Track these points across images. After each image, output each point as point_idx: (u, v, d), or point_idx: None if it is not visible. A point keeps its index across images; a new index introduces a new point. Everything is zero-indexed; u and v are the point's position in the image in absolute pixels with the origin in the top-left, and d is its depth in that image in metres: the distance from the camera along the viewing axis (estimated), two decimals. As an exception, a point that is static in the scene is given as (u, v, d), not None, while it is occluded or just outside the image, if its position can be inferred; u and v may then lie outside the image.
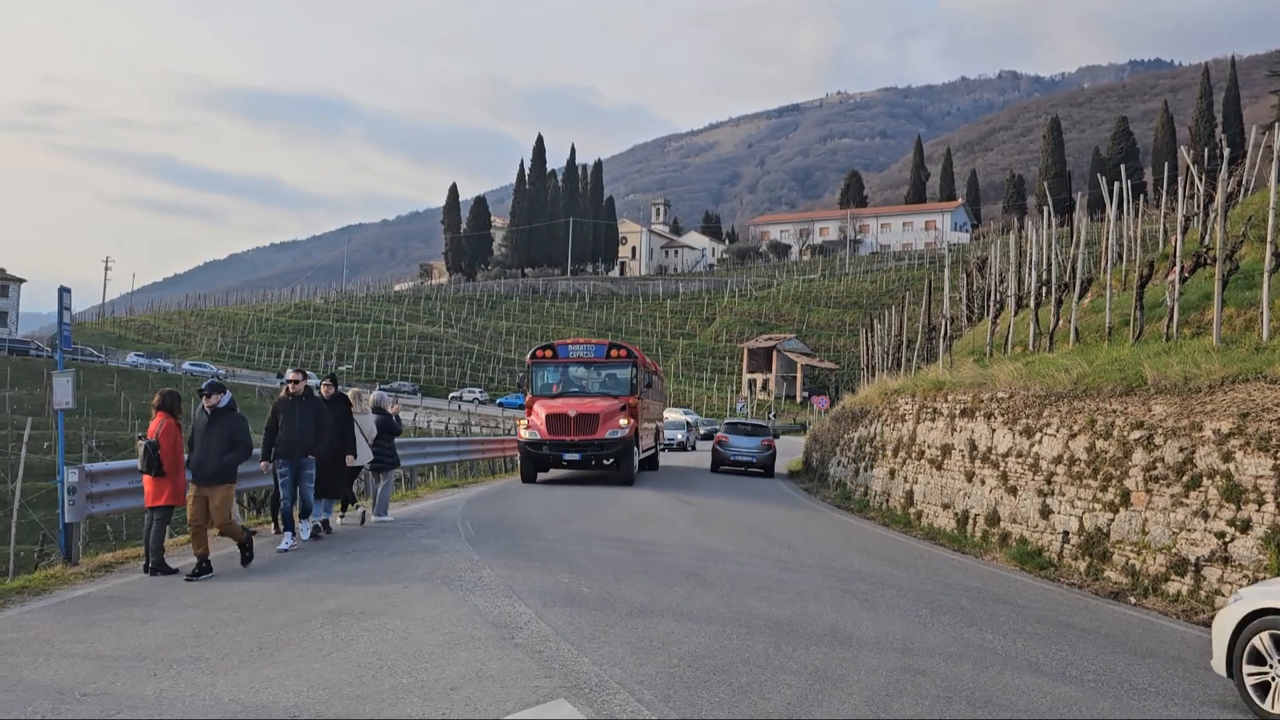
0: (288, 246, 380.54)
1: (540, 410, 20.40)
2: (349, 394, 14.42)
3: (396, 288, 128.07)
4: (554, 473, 22.56)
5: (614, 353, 21.99)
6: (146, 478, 9.33)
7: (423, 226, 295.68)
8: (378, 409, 14.01)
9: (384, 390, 45.49)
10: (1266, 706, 6.14)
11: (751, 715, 5.51)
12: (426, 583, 8.87)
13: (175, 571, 9.38)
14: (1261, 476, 9.56)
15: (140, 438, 9.75)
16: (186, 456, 9.59)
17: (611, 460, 20.19)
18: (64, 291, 9.87)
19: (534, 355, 22.41)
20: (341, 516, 13.43)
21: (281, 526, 11.21)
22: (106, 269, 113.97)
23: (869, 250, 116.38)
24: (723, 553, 12.11)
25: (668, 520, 15.27)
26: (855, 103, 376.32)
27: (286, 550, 10.63)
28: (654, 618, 7.84)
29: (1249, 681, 6.27)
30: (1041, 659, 7.44)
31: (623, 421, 20.20)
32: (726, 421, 31.07)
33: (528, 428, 20.42)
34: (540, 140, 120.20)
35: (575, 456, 19.98)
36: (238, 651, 6.50)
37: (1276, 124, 20.36)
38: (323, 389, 12.21)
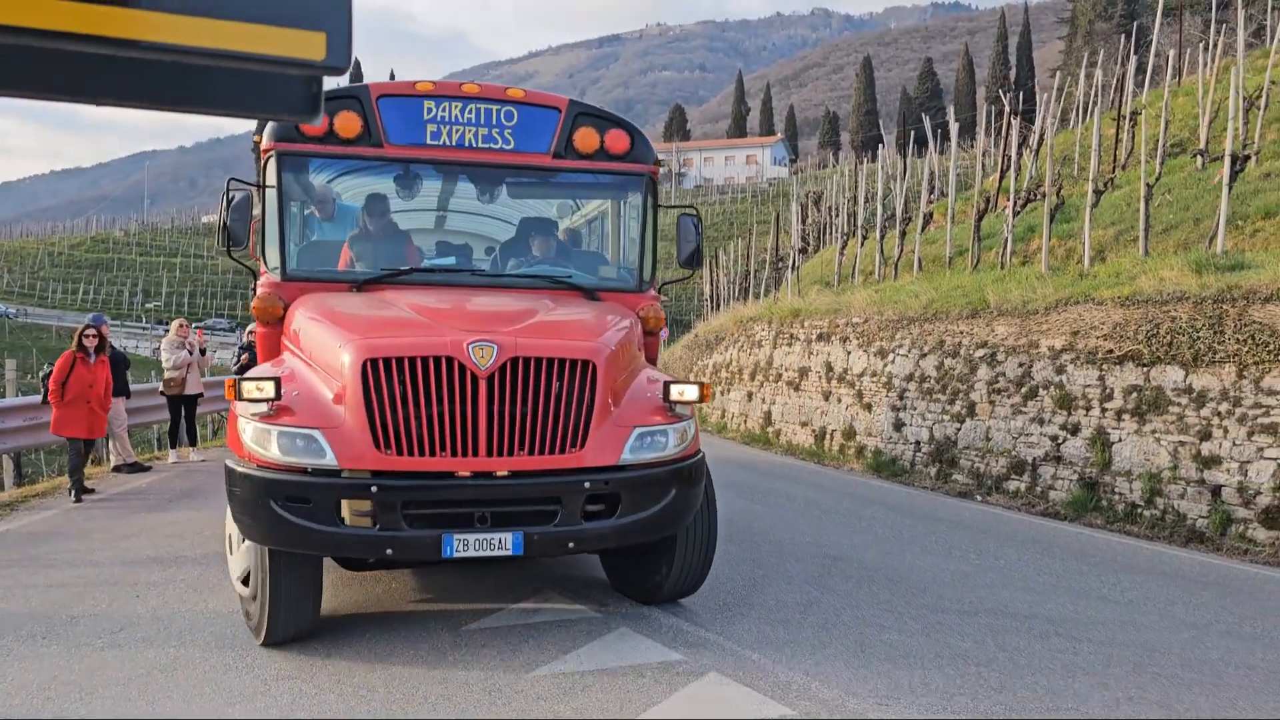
0: (71, 174, 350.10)
1: (341, 346, 4.80)
2: (173, 325, 13.79)
3: (205, 219, 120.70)
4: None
5: (593, 137, 6.66)
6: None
7: (226, 154, 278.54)
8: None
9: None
10: None
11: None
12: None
13: (93, 491, 10.14)
14: (1089, 386, 11.08)
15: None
16: None
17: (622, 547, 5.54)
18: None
19: (288, 135, 5.75)
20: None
21: None
22: None
23: (693, 184, 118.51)
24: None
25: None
26: (675, 35, 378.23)
27: None
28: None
29: None
30: (929, 544, 8.59)
31: (687, 393, 5.26)
32: None
33: (262, 416, 4.68)
34: (357, 64, 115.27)
35: (507, 543, 4.74)
36: (213, 573, 6.70)
37: (1081, 71, 22.50)
38: None
